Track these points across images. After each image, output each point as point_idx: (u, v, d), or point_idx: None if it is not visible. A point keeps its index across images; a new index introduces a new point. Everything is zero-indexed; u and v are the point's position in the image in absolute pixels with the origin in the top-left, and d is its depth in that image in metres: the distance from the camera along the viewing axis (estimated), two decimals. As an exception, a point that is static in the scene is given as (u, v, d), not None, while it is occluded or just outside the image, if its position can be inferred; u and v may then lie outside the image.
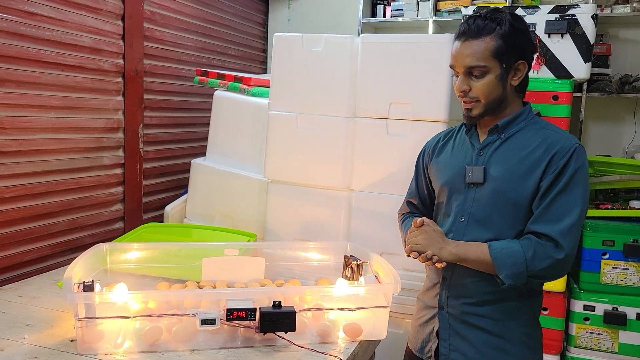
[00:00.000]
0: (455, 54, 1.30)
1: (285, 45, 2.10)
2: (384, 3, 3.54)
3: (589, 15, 2.50)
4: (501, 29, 1.25)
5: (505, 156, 1.30)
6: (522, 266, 1.22)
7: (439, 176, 1.43)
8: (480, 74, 1.27)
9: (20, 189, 1.99)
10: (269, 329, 1.38)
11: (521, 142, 1.30)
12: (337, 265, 1.79)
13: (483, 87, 1.27)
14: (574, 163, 1.23)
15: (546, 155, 1.25)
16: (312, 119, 2.07)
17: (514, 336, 1.32)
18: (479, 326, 1.33)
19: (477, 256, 1.27)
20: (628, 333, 2.39)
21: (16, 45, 1.92)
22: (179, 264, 1.80)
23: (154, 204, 2.74)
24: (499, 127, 1.32)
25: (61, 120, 2.14)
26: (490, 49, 1.25)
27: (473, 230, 1.32)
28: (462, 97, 1.31)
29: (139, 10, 2.50)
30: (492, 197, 1.29)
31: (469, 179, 1.33)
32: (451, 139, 1.46)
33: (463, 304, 1.35)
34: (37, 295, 1.75)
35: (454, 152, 1.42)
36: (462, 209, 1.34)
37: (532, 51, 1.32)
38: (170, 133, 2.85)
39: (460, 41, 1.28)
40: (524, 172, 1.26)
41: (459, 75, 1.30)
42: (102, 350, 1.34)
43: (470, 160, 1.35)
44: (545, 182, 1.24)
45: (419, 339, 1.46)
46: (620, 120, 3.23)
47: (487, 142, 1.34)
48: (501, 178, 1.29)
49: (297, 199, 2.12)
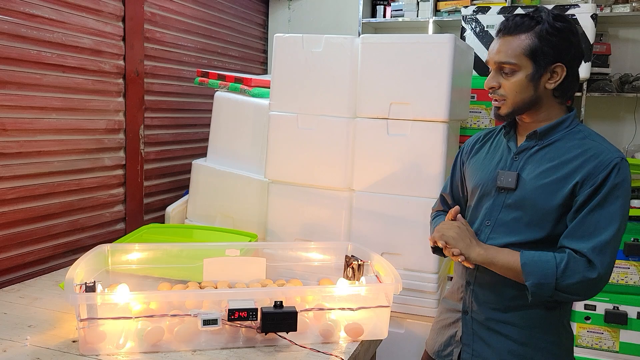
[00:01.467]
0: (490, 49, 1.27)
1: (286, 46, 2.11)
2: (384, 3, 3.55)
3: (588, 15, 2.50)
4: (539, 27, 1.20)
5: (541, 164, 1.24)
6: (551, 277, 1.16)
7: (472, 177, 1.39)
8: (510, 72, 1.23)
9: (21, 191, 2.00)
10: (270, 329, 1.38)
11: (560, 151, 1.24)
12: (338, 266, 1.79)
13: (512, 85, 1.23)
14: (614, 178, 1.16)
15: (584, 167, 1.18)
16: (312, 120, 2.08)
17: (540, 345, 1.27)
18: (503, 333, 1.29)
19: (507, 261, 1.21)
20: (629, 332, 2.39)
21: (17, 47, 1.93)
22: (181, 265, 1.81)
23: (155, 205, 2.75)
24: (538, 134, 1.27)
25: (62, 122, 2.15)
26: (523, 47, 1.21)
27: (498, 235, 1.28)
28: (491, 93, 1.28)
29: (139, 11, 2.51)
30: (522, 205, 1.25)
31: (501, 183, 1.28)
32: (490, 140, 1.42)
33: (487, 310, 1.31)
34: (39, 297, 1.75)
35: (489, 154, 1.38)
36: (489, 213, 1.31)
37: (575, 55, 1.23)
38: (171, 134, 2.85)
39: (497, 37, 1.26)
40: (557, 182, 1.20)
41: (491, 70, 1.27)
42: (104, 351, 1.35)
43: (505, 164, 1.31)
44: (582, 196, 1.17)
45: (438, 341, 1.43)
46: (621, 120, 3.23)
47: (523, 147, 1.29)
48: (533, 186, 1.23)
49: (298, 200, 2.12)
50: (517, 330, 1.28)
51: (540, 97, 1.25)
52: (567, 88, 1.26)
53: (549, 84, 1.23)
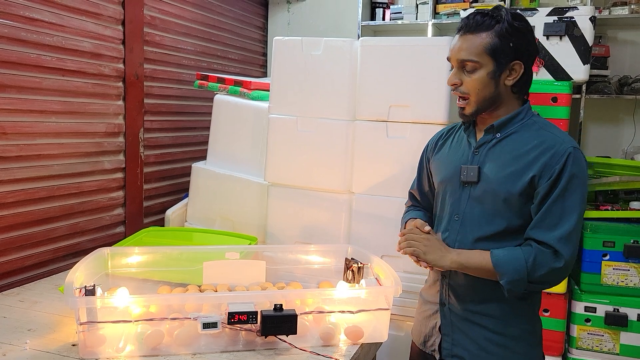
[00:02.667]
0: (451, 47, 1.31)
1: (285, 49, 2.11)
2: (383, 6, 3.55)
3: (587, 17, 2.51)
4: (499, 26, 1.25)
5: (500, 156, 1.30)
6: (523, 273, 1.22)
7: (437, 173, 1.44)
8: (472, 69, 1.27)
9: (21, 194, 2.00)
10: (270, 332, 1.38)
11: (517, 143, 1.29)
12: (338, 268, 1.79)
13: (474, 82, 1.28)
14: (570, 168, 1.22)
15: (540, 158, 1.24)
16: (312, 122, 2.08)
17: (515, 333, 1.33)
18: (480, 324, 1.34)
19: (479, 263, 1.27)
20: (629, 334, 2.39)
21: (17, 50, 1.93)
22: (180, 268, 1.81)
23: (155, 208, 2.75)
24: (495, 127, 1.32)
25: (62, 125, 2.15)
26: (484, 45, 1.25)
27: (468, 229, 1.33)
28: (453, 90, 1.32)
29: (139, 15, 2.51)
30: (485, 197, 1.30)
31: (464, 178, 1.33)
32: (451, 136, 1.46)
33: (463, 302, 1.36)
34: (39, 300, 1.75)
35: (451, 150, 1.42)
36: (456, 207, 1.35)
37: (531, 53, 1.30)
38: (171, 137, 2.85)
39: (459, 35, 1.30)
40: (517, 172, 1.26)
41: (453, 68, 1.31)
42: (104, 355, 1.34)
43: (466, 159, 1.35)
44: (542, 189, 1.23)
45: (422, 333, 1.47)
46: (620, 122, 3.23)
47: (482, 142, 1.34)
48: (494, 178, 1.29)
49: (297, 202, 2.12)
50: (493, 320, 1.33)
51: (500, 94, 1.30)
52: (524, 84, 1.32)
53: (508, 81, 1.28)
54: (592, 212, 2.51)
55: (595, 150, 3.25)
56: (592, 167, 2.81)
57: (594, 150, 3.26)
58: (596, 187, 2.66)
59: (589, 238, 2.44)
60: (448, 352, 1.38)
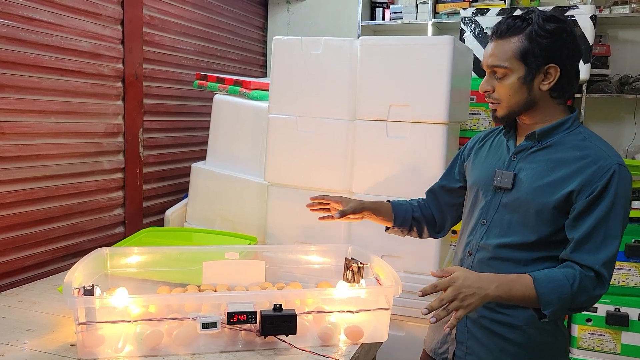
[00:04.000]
0: (484, 53, 1.28)
1: (285, 48, 2.10)
2: (383, 6, 3.55)
3: (587, 16, 2.50)
4: (529, 29, 1.20)
5: (538, 165, 1.24)
6: (567, 301, 1.13)
7: (471, 175, 1.41)
8: (503, 75, 1.23)
9: (20, 194, 1.99)
10: (269, 332, 1.37)
11: (558, 153, 1.23)
12: (338, 268, 1.78)
13: (505, 88, 1.23)
14: (614, 187, 1.15)
15: (582, 172, 1.17)
16: (312, 122, 2.07)
17: (533, 345, 1.27)
18: (497, 332, 1.29)
19: (523, 294, 1.14)
20: (630, 334, 2.38)
21: (16, 50, 1.93)
22: (180, 268, 1.80)
23: (155, 208, 2.74)
24: (537, 135, 1.26)
25: (61, 125, 2.14)
26: (514, 49, 1.21)
27: (493, 235, 1.28)
28: (487, 97, 1.29)
29: (138, 15, 2.51)
30: (517, 205, 1.25)
31: (497, 183, 1.28)
32: (490, 140, 1.42)
33: (481, 309, 1.28)
34: (38, 301, 1.74)
35: (489, 154, 1.38)
36: (485, 212, 1.31)
37: (570, 55, 1.22)
38: (170, 137, 2.85)
39: (492, 39, 1.26)
40: (554, 184, 1.20)
41: (486, 74, 1.28)
42: (102, 355, 1.34)
43: (503, 164, 1.31)
44: (580, 205, 1.16)
45: (435, 339, 1.43)
46: (620, 121, 3.23)
47: (522, 148, 1.29)
48: (529, 187, 1.23)
49: (297, 202, 2.11)
50: (511, 330, 1.27)
51: (535, 99, 1.24)
52: (564, 88, 1.25)
53: (543, 85, 1.23)
54: (593, 211, 2.50)
55: (595, 150, 3.24)
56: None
57: (595, 149, 3.25)
58: (597, 187, 2.65)
59: (589, 238, 2.43)
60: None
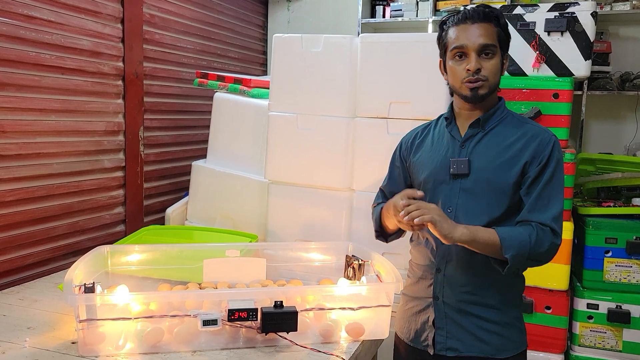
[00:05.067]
0: (466, 34, 1.32)
1: (285, 46, 2.10)
2: (383, 3, 3.54)
3: (588, 13, 2.49)
4: (499, 20, 1.34)
5: (488, 148, 1.37)
6: (526, 248, 1.27)
7: (421, 170, 1.45)
8: (492, 54, 1.32)
9: (20, 193, 1.99)
10: (270, 329, 1.37)
11: (502, 135, 1.37)
12: (338, 266, 1.78)
13: (492, 67, 1.32)
14: (556, 154, 1.33)
15: (529, 146, 1.33)
16: (312, 120, 2.07)
17: (508, 320, 1.39)
18: (474, 314, 1.38)
19: (487, 237, 1.28)
20: (632, 331, 2.38)
21: (16, 49, 1.93)
22: (180, 266, 1.80)
23: (155, 206, 2.74)
24: (481, 121, 1.38)
25: (61, 124, 2.14)
26: (496, 32, 1.33)
27: (462, 220, 1.35)
28: (473, 76, 1.31)
29: (138, 13, 2.51)
30: (478, 187, 1.35)
31: (454, 170, 1.37)
32: (429, 134, 1.50)
33: (458, 293, 1.38)
34: (39, 299, 1.74)
35: (434, 146, 1.45)
36: (448, 200, 1.38)
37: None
38: (171, 135, 2.85)
39: (469, 23, 1.32)
40: (507, 162, 1.33)
41: (470, 54, 1.32)
42: (103, 352, 1.34)
43: (453, 153, 1.39)
44: (532, 173, 1.32)
45: (412, 329, 1.47)
46: (622, 118, 3.22)
47: (469, 135, 1.39)
48: (485, 168, 1.35)
49: (298, 200, 2.12)
50: (487, 309, 1.37)
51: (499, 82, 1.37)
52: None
53: (503, 71, 1.37)
54: (594, 208, 2.50)
55: (597, 147, 3.24)
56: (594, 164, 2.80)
57: (596, 146, 3.25)
58: (598, 184, 2.65)
59: (591, 235, 2.43)
60: (442, 346, 1.40)
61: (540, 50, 2.53)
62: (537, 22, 2.54)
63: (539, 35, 2.54)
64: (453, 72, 1.36)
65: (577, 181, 2.71)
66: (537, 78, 2.48)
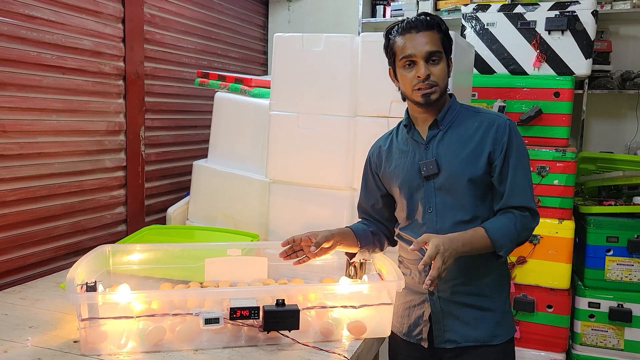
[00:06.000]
0: (413, 43, 1.39)
1: (286, 45, 2.10)
2: (384, 3, 3.55)
3: (589, 12, 2.50)
4: (441, 27, 1.41)
5: (451, 144, 1.43)
6: (515, 239, 1.37)
7: (394, 179, 1.51)
8: (438, 59, 1.39)
9: (22, 192, 1.99)
10: (272, 327, 1.37)
11: (460, 129, 1.44)
12: (340, 264, 1.78)
13: (440, 71, 1.39)
14: (515, 137, 1.40)
15: (488, 134, 1.40)
16: (313, 119, 2.07)
17: (499, 306, 1.45)
18: (468, 304, 1.43)
19: (482, 245, 1.35)
20: (634, 330, 2.38)
21: (17, 48, 1.93)
22: (182, 265, 1.80)
23: (156, 206, 2.74)
24: (438, 121, 1.44)
25: (62, 123, 2.15)
26: (440, 39, 1.40)
27: (444, 217, 1.42)
28: (422, 82, 1.38)
29: (139, 13, 2.51)
30: (450, 183, 1.41)
31: (425, 172, 1.43)
32: (392, 143, 1.56)
33: (452, 286, 1.43)
34: (40, 298, 1.74)
35: (401, 154, 1.51)
36: (427, 201, 1.44)
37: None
38: (172, 135, 2.85)
39: (414, 32, 1.39)
40: (472, 154, 1.40)
41: (419, 62, 1.38)
42: (105, 351, 1.34)
43: (420, 156, 1.45)
44: (498, 161, 1.38)
45: (405, 324, 1.52)
46: (622, 117, 3.22)
47: (430, 137, 1.45)
48: (453, 164, 1.41)
49: (299, 199, 2.12)
50: (479, 298, 1.43)
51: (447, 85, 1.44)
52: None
53: (449, 74, 1.45)
54: (595, 207, 2.50)
55: (598, 146, 3.24)
56: (595, 162, 2.80)
57: (597, 145, 3.25)
58: (599, 183, 2.65)
59: (592, 233, 2.43)
60: (441, 340, 1.44)
61: (541, 49, 2.54)
62: (537, 21, 2.54)
63: (539, 34, 2.54)
64: (404, 79, 1.42)
65: (578, 180, 2.71)
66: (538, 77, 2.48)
